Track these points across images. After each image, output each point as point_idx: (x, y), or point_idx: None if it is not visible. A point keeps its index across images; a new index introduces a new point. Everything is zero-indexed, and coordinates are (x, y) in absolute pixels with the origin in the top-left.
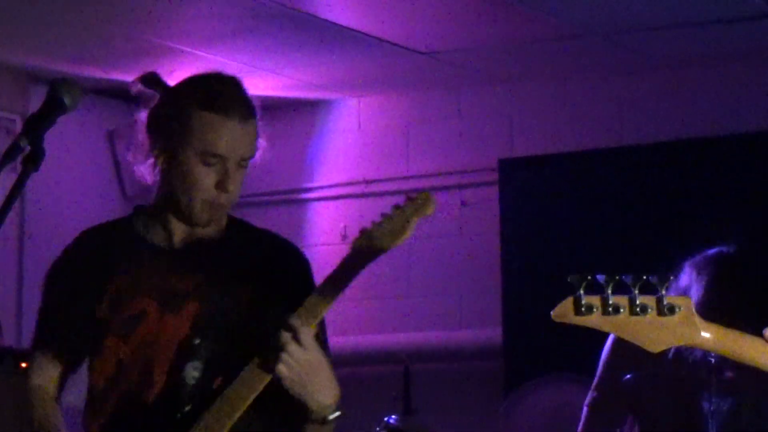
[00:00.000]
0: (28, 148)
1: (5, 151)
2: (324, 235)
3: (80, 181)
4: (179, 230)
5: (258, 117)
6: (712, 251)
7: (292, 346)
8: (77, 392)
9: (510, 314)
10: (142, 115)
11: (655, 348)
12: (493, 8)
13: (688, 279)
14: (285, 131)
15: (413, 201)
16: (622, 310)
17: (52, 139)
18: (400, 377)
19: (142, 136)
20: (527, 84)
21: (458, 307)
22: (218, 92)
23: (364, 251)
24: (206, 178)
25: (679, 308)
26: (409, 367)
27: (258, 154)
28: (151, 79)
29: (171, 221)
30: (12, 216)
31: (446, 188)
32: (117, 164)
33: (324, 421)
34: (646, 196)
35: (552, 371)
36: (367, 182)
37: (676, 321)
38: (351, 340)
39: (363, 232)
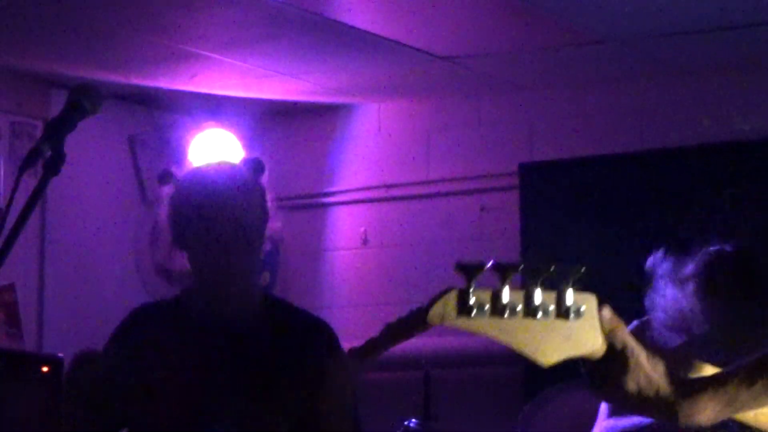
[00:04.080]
0: (49, 152)
1: (26, 155)
2: (344, 239)
3: (101, 186)
4: (217, 308)
5: (260, 191)
6: (713, 247)
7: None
8: None
9: None
10: (163, 212)
11: (547, 361)
12: (514, 15)
13: (687, 272)
14: (305, 136)
15: None
16: (517, 311)
17: (73, 144)
18: (421, 383)
19: (167, 227)
20: (547, 89)
21: None
22: (208, 181)
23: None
24: (213, 266)
25: (583, 310)
26: (429, 373)
27: (270, 225)
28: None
29: (208, 298)
30: (33, 221)
31: (466, 193)
32: (138, 169)
33: None
34: (665, 200)
35: (573, 378)
36: (388, 187)
37: (577, 326)
38: None
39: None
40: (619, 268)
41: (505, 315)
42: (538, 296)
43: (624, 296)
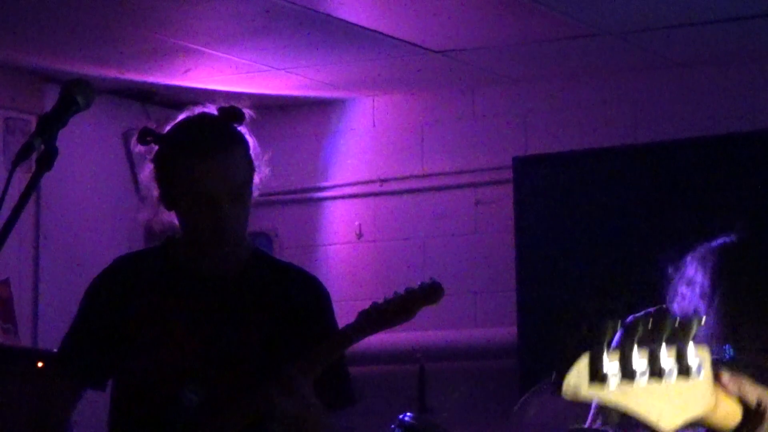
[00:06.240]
0: (42, 147)
1: (19, 150)
2: (339, 234)
3: (95, 181)
4: (206, 260)
5: (245, 143)
6: (715, 243)
7: (282, 400)
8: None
9: (524, 313)
10: (147, 169)
11: (670, 426)
12: (508, 8)
13: (693, 272)
14: (300, 131)
15: (425, 289)
16: (641, 375)
17: (67, 139)
18: (416, 376)
19: (153, 186)
20: (542, 83)
21: (473, 306)
22: (194, 136)
23: (368, 324)
24: (204, 221)
25: (702, 367)
26: (424, 366)
27: (257, 177)
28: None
29: (197, 252)
30: (27, 215)
31: (461, 187)
32: (132, 164)
33: None
34: (660, 194)
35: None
36: (382, 181)
37: (692, 386)
38: (366, 339)
39: (373, 305)
40: (613, 260)
41: (632, 380)
42: (664, 356)
43: (617, 289)
